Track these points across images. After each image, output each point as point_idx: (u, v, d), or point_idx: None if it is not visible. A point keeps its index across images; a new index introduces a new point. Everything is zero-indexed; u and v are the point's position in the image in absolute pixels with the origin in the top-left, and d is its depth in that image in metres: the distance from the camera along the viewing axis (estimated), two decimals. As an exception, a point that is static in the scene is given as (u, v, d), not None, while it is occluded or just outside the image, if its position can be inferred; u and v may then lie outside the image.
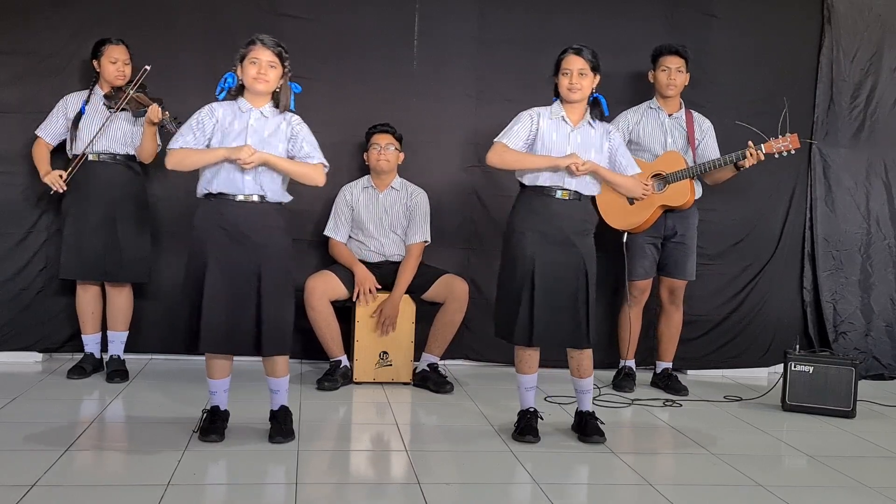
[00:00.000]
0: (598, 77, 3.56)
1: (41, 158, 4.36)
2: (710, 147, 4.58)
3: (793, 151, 4.41)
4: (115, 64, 4.31)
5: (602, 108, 3.61)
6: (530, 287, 3.49)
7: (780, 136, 4.39)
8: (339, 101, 4.89)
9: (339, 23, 4.86)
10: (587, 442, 3.57)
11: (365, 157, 4.68)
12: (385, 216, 4.62)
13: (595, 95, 3.58)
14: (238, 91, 3.41)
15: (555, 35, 4.96)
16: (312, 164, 3.42)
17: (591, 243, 3.59)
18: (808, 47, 5.21)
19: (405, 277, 4.50)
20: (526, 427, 3.59)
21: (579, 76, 3.49)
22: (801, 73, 5.20)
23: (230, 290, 3.30)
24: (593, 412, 3.67)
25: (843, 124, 5.25)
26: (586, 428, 3.62)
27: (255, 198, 3.35)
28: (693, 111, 4.65)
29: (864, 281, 5.30)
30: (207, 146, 3.35)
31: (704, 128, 4.62)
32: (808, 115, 5.19)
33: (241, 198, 3.34)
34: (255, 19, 4.74)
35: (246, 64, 3.33)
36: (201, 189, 3.39)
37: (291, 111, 3.45)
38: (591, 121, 3.59)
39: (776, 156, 4.42)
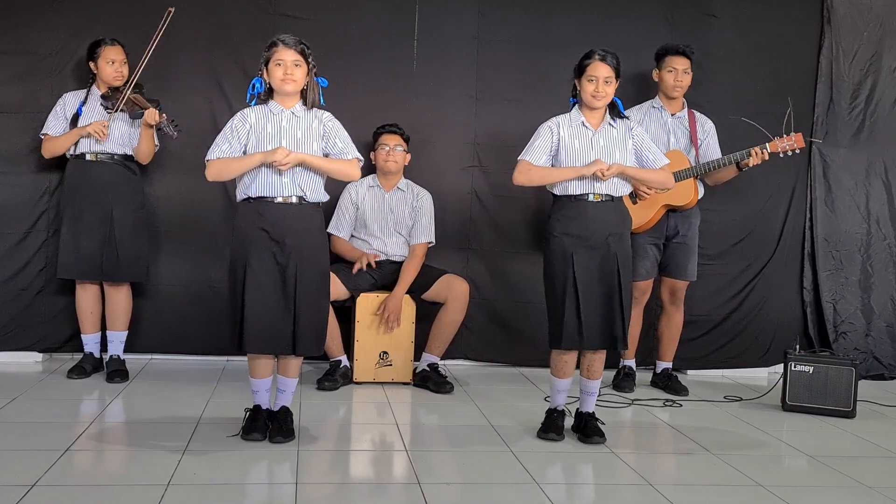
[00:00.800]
0: (619, 82, 3.55)
1: (62, 140, 4.30)
2: (711, 147, 4.58)
3: (797, 151, 4.42)
4: (113, 65, 4.30)
5: (619, 110, 3.61)
6: (574, 291, 3.48)
7: (784, 136, 4.39)
8: (339, 101, 4.83)
9: (339, 23, 4.86)
10: (588, 443, 3.58)
11: (371, 157, 4.69)
12: (390, 216, 4.63)
13: (613, 99, 3.57)
14: (267, 95, 3.42)
15: (555, 35, 4.97)
16: (347, 159, 3.44)
17: (627, 245, 3.59)
18: (808, 47, 5.21)
19: (408, 276, 4.50)
20: (551, 425, 3.63)
21: (605, 84, 3.48)
22: (801, 73, 5.20)
23: (272, 290, 3.32)
24: (594, 413, 3.68)
25: (843, 124, 5.25)
26: (587, 429, 3.62)
27: (294, 199, 3.37)
28: (695, 111, 4.65)
29: (865, 281, 5.30)
30: (244, 153, 3.37)
31: (707, 128, 4.62)
32: (808, 115, 5.19)
33: (280, 200, 3.35)
34: (255, 19, 4.75)
35: (271, 66, 3.34)
36: (240, 193, 3.41)
37: (321, 107, 3.47)
38: (612, 121, 3.58)
39: (780, 155, 4.42)
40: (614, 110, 3.60)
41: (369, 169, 4.78)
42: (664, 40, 4.76)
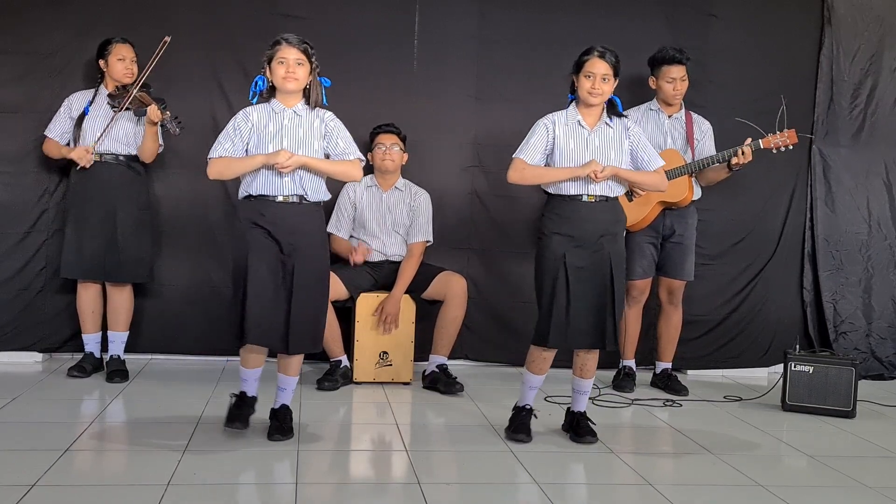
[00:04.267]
0: (617, 81, 3.54)
1: (55, 149, 4.37)
2: (707, 147, 4.59)
3: (791, 147, 4.42)
4: (123, 62, 4.31)
5: (617, 109, 3.59)
6: (565, 290, 3.47)
7: (777, 132, 4.39)
8: (338, 101, 4.84)
9: (339, 23, 4.86)
10: (580, 442, 3.57)
11: (369, 157, 4.69)
12: (388, 216, 4.63)
13: (611, 97, 3.56)
14: (270, 93, 3.42)
15: (555, 35, 4.97)
16: (349, 160, 3.44)
17: (620, 245, 3.58)
18: (808, 47, 5.21)
19: (406, 276, 4.50)
20: (520, 426, 3.60)
21: (602, 81, 3.46)
22: (801, 73, 5.20)
23: (270, 286, 3.33)
24: (585, 412, 3.67)
25: (843, 124, 5.25)
26: (579, 428, 3.61)
27: (295, 198, 3.37)
28: (693, 112, 4.65)
29: (865, 281, 5.30)
30: (246, 151, 3.37)
31: (704, 129, 4.63)
32: (808, 115, 5.19)
33: (280, 199, 3.36)
34: (255, 19, 4.75)
35: (274, 65, 3.34)
36: (242, 191, 3.41)
37: (324, 106, 3.48)
38: (608, 120, 3.57)
39: (774, 151, 4.42)
40: (612, 109, 3.58)
41: (367, 169, 4.79)
42: (664, 40, 4.76)
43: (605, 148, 3.52)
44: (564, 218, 3.50)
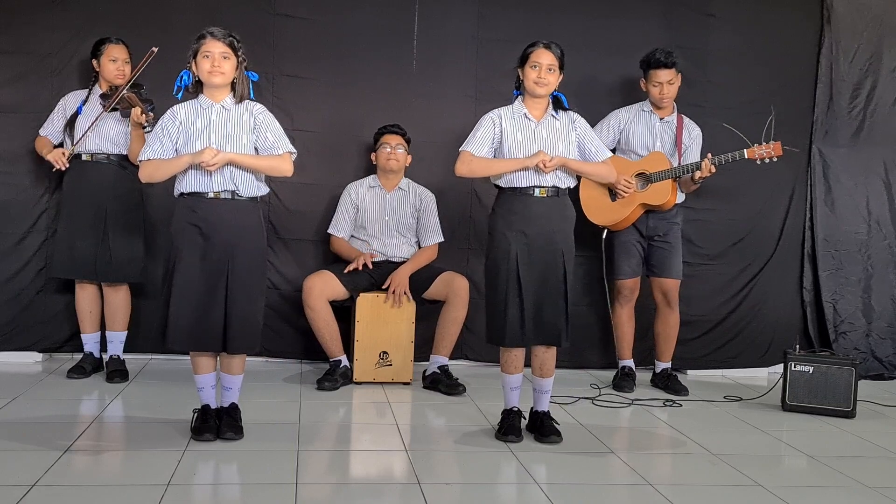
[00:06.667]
0: (562, 75, 3.53)
1: (43, 146, 4.36)
2: (693, 152, 4.60)
3: (775, 159, 4.43)
4: (115, 63, 4.31)
5: (563, 104, 3.59)
6: (517, 288, 3.48)
7: (763, 143, 4.39)
8: (338, 101, 4.89)
9: (339, 23, 4.86)
10: (545, 442, 3.54)
11: (372, 157, 4.69)
12: (392, 216, 4.63)
13: (556, 93, 3.56)
14: (196, 88, 3.39)
15: (554, 35, 4.89)
16: (278, 154, 3.40)
17: (570, 239, 3.58)
18: (808, 47, 5.21)
19: (417, 261, 4.55)
20: (509, 427, 3.59)
21: (547, 71, 3.48)
22: (800, 73, 5.20)
23: (200, 287, 3.29)
24: (549, 412, 3.65)
25: (843, 124, 5.25)
26: (543, 428, 3.59)
27: (227, 194, 3.34)
28: (685, 116, 4.65)
29: (865, 281, 5.30)
30: (175, 149, 3.35)
31: (693, 134, 4.63)
32: (808, 115, 5.20)
33: (212, 195, 3.33)
34: (255, 19, 4.75)
35: (199, 59, 3.31)
36: (176, 189, 3.39)
37: (251, 100, 3.43)
38: (554, 112, 3.57)
39: (758, 162, 4.42)
40: (558, 104, 3.59)
41: (370, 169, 4.79)
42: (663, 41, 4.76)
43: (553, 139, 3.53)
44: (515, 213, 3.51)
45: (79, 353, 4.53)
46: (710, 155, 4.40)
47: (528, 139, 3.53)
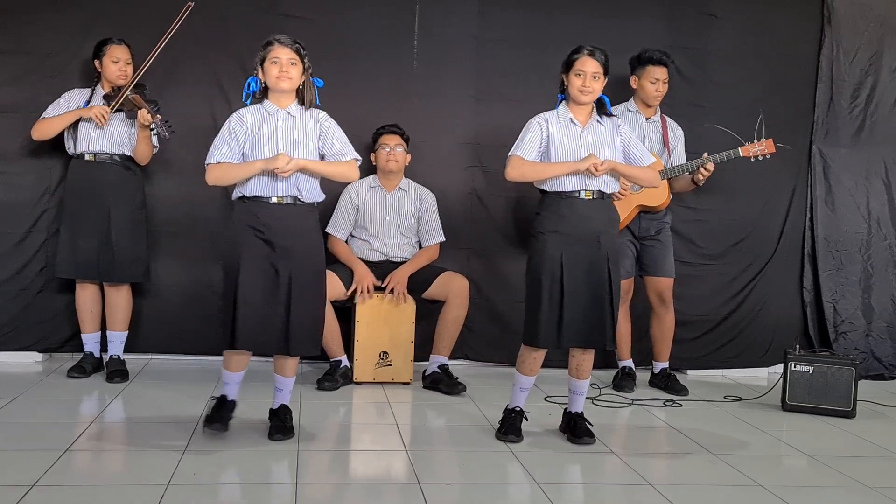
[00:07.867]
0: (606, 80, 3.54)
1: (57, 121, 4.28)
2: (679, 153, 4.60)
3: (768, 156, 4.44)
4: (117, 63, 4.31)
5: (606, 107, 3.60)
6: (559, 291, 3.47)
7: (756, 141, 4.40)
8: (339, 101, 4.84)
9: (339, 23, 4.86)
10: (577, 443, 3.56)
11: (372, 158, 4.69)
12: (392, 216, 4.63)
13: (600, 96, 3.57)
14: (262, 94, 3.41)
15: (554, 35, 4.97)
16: (346, 161, 3.44)
17: (615, 242, 3.58)
18: (808, 47, 5.21)
19: (418, 261, 4.55)
20: (510, 427, 3.60)
21: (592, 79, 3.47)
22: (800, 73, 5.20)
23: (264, 290, 3.31)
24: (583, 413, 3.67)
25: (843, 124, 5.26)
26: (576, 429, 3.60)
27: (289, 199, 3.36)
28: (667, 117, 4.65)
29: (865, 281, 5.30)
30: (243, 154, 3.36)
31: (678, 134, 4.65)
32: (809, 115, 5.20)
33: (275, 200, 3.35)
34: (255, 19, 4.75)
35: (267, 65, 3.33)
36: (236, 192, 3.39)
37: (317, 106, 3.47)
38: (599, 118, 3.58)
39: (752, 160, 4.43)
40: (601, 108, 3.59)
41: (369, 170, 4.79)
42: (664, 40, 4.76)
43: (599, 144, 3.53)
44: (561, 216, 3.50)
45: (79, 352, 4.53)
46: (705, 154, 4.40)
47: (575, 143, 3.52)
